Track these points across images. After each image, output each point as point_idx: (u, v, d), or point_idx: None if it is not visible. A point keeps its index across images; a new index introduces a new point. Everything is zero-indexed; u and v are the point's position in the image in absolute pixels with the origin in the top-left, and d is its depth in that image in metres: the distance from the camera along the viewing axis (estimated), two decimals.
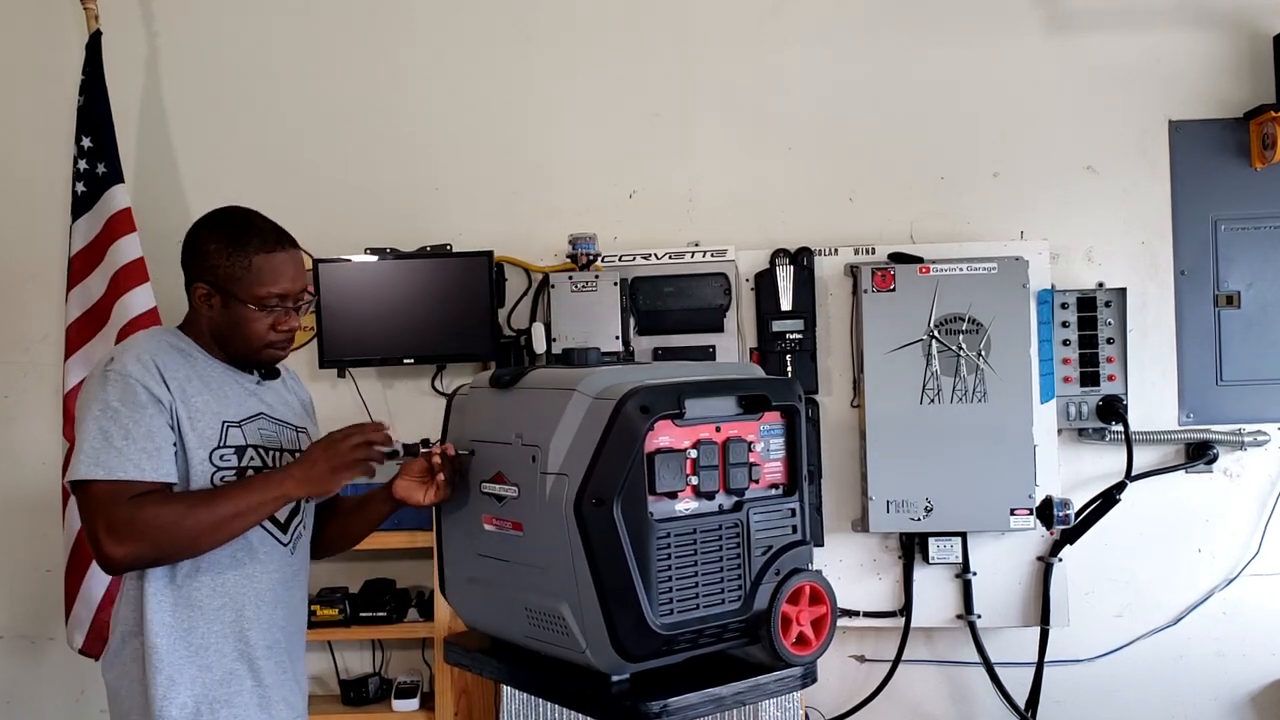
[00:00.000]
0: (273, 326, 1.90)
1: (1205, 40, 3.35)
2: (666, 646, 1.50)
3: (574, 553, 1.49)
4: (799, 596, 1.58)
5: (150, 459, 1.78)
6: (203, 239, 1.91)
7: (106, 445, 1.76)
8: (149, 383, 1.81)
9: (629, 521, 1.47)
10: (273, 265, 1.89)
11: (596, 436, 1.48)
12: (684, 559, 1.51)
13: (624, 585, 1.46)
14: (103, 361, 1.87)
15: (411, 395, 3.51)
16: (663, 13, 3.48)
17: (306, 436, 2.03)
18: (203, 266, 1.90)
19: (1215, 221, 3.34)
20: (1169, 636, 3.36)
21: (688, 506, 1.53)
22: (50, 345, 3.54)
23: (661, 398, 1.49)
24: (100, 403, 1.79)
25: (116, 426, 1.77)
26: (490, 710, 3.25)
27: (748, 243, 3.39)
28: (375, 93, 3.54)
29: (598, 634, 1.48)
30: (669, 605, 1.49)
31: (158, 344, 1.89)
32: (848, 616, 3.34)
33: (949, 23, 3.41)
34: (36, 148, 3.56)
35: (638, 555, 1.47)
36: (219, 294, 1.89)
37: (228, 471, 1.86)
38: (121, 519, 1.74)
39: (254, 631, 1.89)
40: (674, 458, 1.50)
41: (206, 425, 1.85)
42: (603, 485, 1.47)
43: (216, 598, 1.86)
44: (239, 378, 1.96)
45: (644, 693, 1.52)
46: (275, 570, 1.92)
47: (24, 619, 3.60)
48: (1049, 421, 3.24)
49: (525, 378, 1.68)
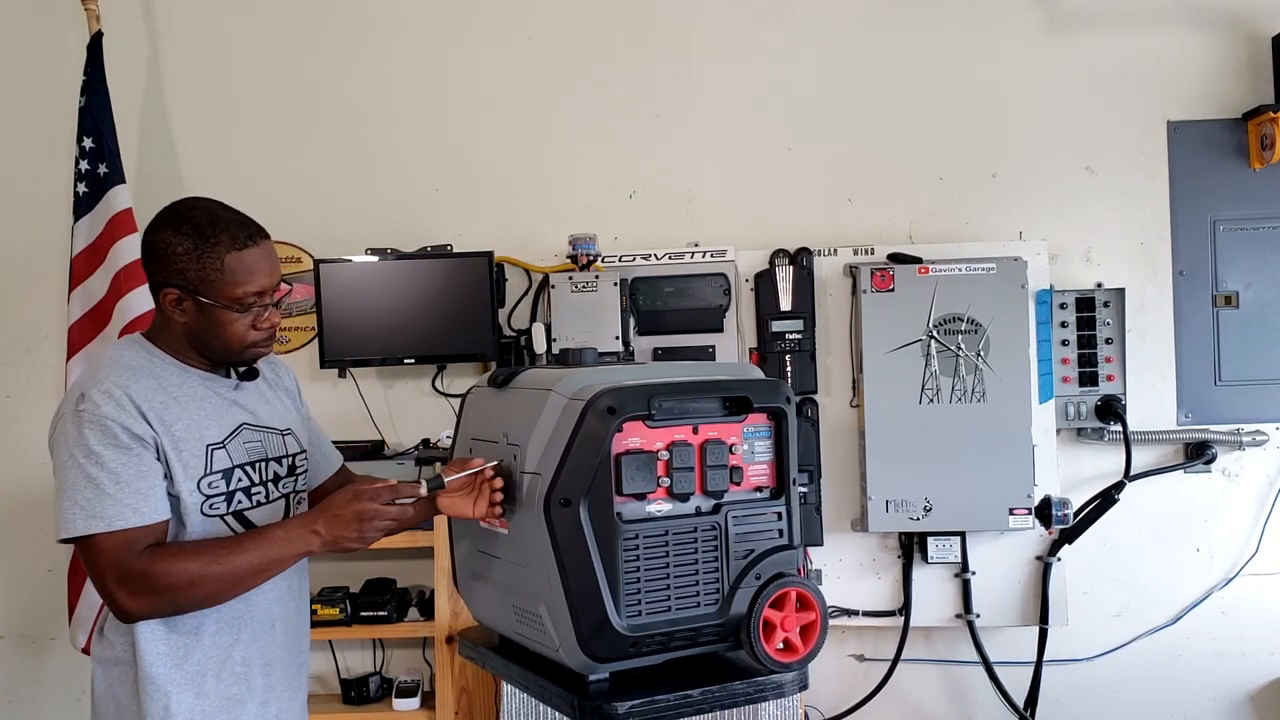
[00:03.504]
0: (252, 325, 1.80)
1: (1204, 41, 3.35)
2: (634, 648, 1.49)
3: (546, 552, 1.49)
4: (784, 602, 1.55)
5: (147, 501, 1.70)
6: (166, 240, 1.76)
7: (99, 494, 1.67)
8: (127, 421, 1.70)
9: (595, 522, 1.47)
10: (246, 263, 1.76)
11: (566, 437, 1.48)
12: (654, 561, 1.50)
13: (589, 586, 1.46)
14: (71, 399, 1.74)
15: (412, 395, 3.52)
16: (663, 13, 3.48)
17: (293, 439, 1.95)
18: (169, 270, 1.76)
19: (1214, 222, 3.34)
20: (1168, 636, 3.37)
21: (660, 508, 1.52)
22: (52, 345, 3.55)
23: (630, 399, 1.48)
24: (81, 448, 1.69)
25: (104, 472, 1.68)
26: (491, 709, 3.26)
27: (747, 243, 3.40)
28: (376, 93, 3.54)
29: (568, 633, 1.48)
30: (637, 607, 1.48)
31: (124, 370, 1.76)
32: (847, 615, 3.34)
33: (948, 23, 3.41)
34: (38, 148, 3.57)
35: (604, 556, 1.46)
36: (190, 298, 1.76)
37: (217, 499, 1.79)
38: (133, 573, 1.67)
39: (252, 652, 1.84)
40: (643, 459, 1.49)
41: (190, 453, 1.76)
42: (570, 486, 1.47)
43: (212, 623, 1.80)
44: (216, 386, 1.85)
45: (620, 693, 1.51)
46: (271, 589, 1.85)
47: (25, 619, 3.61)
48: (1048, 421, 3.25)
49: (517, 378, 1.68)
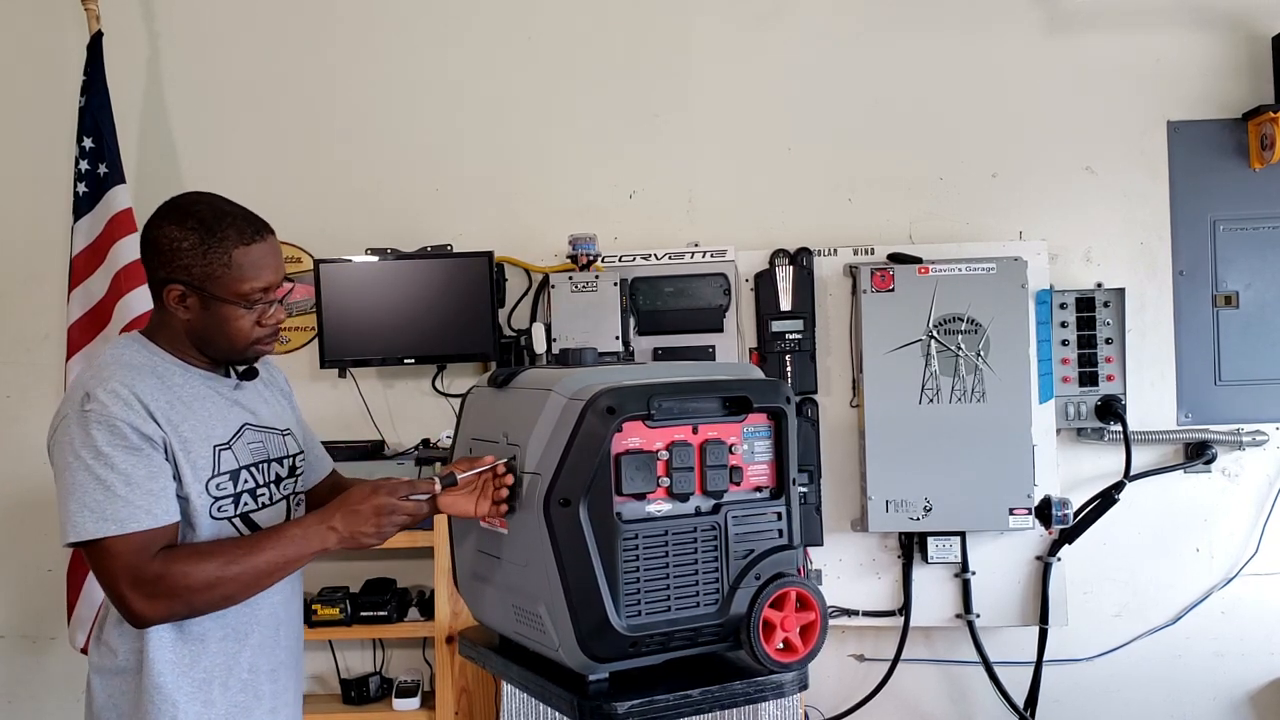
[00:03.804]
0: (257, 322, 1.78)
1: (1204, 41, 3.35)
2: (633, 648, 1.48)
3: (546, 552, 1.49)
4: (783, 602, 1.55)
5: (159, 502, 1.67)
6: (170, 235, 1.73)
7: (109, 496, 1.63)
8: (136, 421, 1.67)
9: (595, 522, 1.46)
10: (253, 258, 1.74)
11: (566, 436, 1.47)
12: (653, 561, 1.50)
13: (588, 586, 1.46)
14: (74, 399, 1.69)
15: (412, 395, 3.52)
16: (663, 13, 3.48)
17: (293, 440, 1.94)
18: (173, 265, 1.73)
19: (1214, 222, 3.34)
20: (1168, 636, 3.37)
21: (660, 508, 1.52)
22: (52, 345, 3.55)
23: (629, 399, 1.47)
24: (89, 449, 1.64)
25: (114, 474, 1.64)
26: (491, 709, 3.26)
27: (747, 243, 3.40)
28: (376, 93, 3.54)
29: (567, 633, 1.48)
30: (636, 607, 1.48)
31: (127, 369, 1.73)
32: (847, 615, 3.34)
33: (948, 23, 3.41)
34: (38, 148, 3.57)
35: (604, 556, 1.46)
36: (196, 294, 1.74)
37: (225, 501, 1.77)
38: (149, 576, 1.63)
39: (259, 657, 1.83)
40: (642, 459, 1.49)
41: (199, 454, 1.74)
42: (570, 486, 1.46)
43: (219, 629, 1.78)
44: (217, 385, 1.82)
45: (620, 693, 1.50)
46: (276, 593, 1.83)
47: (25, 618, 3.61)
48: (1048, 421, 3.25)
49: (517, 378, 1.68)
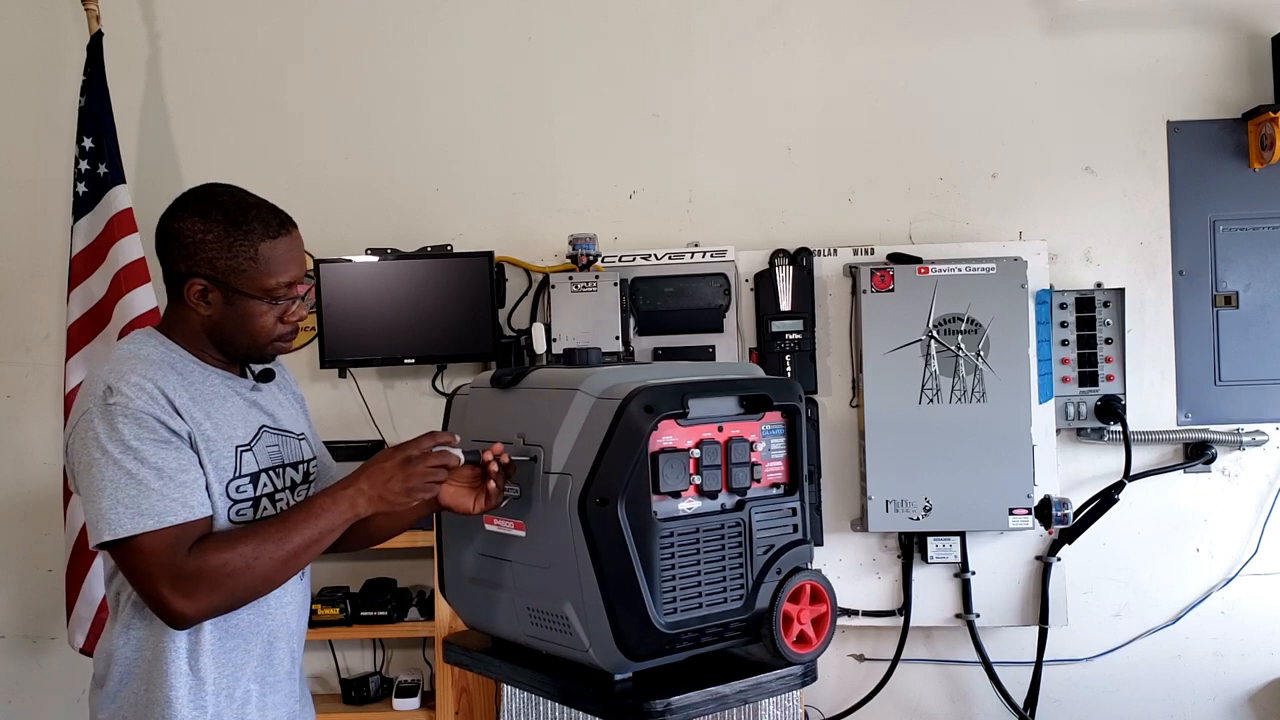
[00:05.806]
0: (280, 319, 1.73)
1: (1204, 41, 3.36)
2: (670, 645, 1.51)
3: (578, 552, 1.49)
4: (800, 595, 1.60)
5: (194, 494, 1.60)
6: (193, 228, 1.67)
7: (143, 490, 1.56)
8: (161, 415, 1.60)
9: (633, 521, 1.48)
10: (280, 252, 1.70)
11: (600, 436, 1.48)
12: (687, 558, 1.52)
13: (628, 584, 1.47)
14: (94, 394, 1.61)
15: (412, 395, 3.52)
16: (663, 13, 3.48)
17: (307, 445, 1.89)
18: (197, 259, 1.67)
19: (1213, 222, 3.34)
20: (1167, 636, 3.37)
21: (690, 506, 1.54)
22: (52, 345, 3.55)
23: (665, 398, 1.50)
24: (116, 444, 1.57)
25: (146, 468, 1.57)
26: (491, 709, 3.26)
27: (747, 243, 3.40)
28: (376, 93, 3.54)
29: (601, 633, 1.49)
30: (673, 604, 1.50)
31: (146, 363, 1.66)
32: (847, 615, 3.34)
33: (948, 23, 3.41)
34: (38, 148, 3.57)
35: (642, 554, 1.48)
36: (219, 288, 1.68)
37: (244, 504, 1.70)
38: (188, 571, 1.56)
39: (272, 664, 1.78)
40: (677, 457, 1.51)
41: (221, 454, 1.67)
42: (607, 485, 1.47)
43: (231, 639, 1.71)
44: (236, 385, 1.76)
45: (645, 692, 1.52)
46: (290, 599, 1.79)
47: (25, 619, 3.61)
48: (1047, 421, 3.25)
49: (527, 378, 1.68)
